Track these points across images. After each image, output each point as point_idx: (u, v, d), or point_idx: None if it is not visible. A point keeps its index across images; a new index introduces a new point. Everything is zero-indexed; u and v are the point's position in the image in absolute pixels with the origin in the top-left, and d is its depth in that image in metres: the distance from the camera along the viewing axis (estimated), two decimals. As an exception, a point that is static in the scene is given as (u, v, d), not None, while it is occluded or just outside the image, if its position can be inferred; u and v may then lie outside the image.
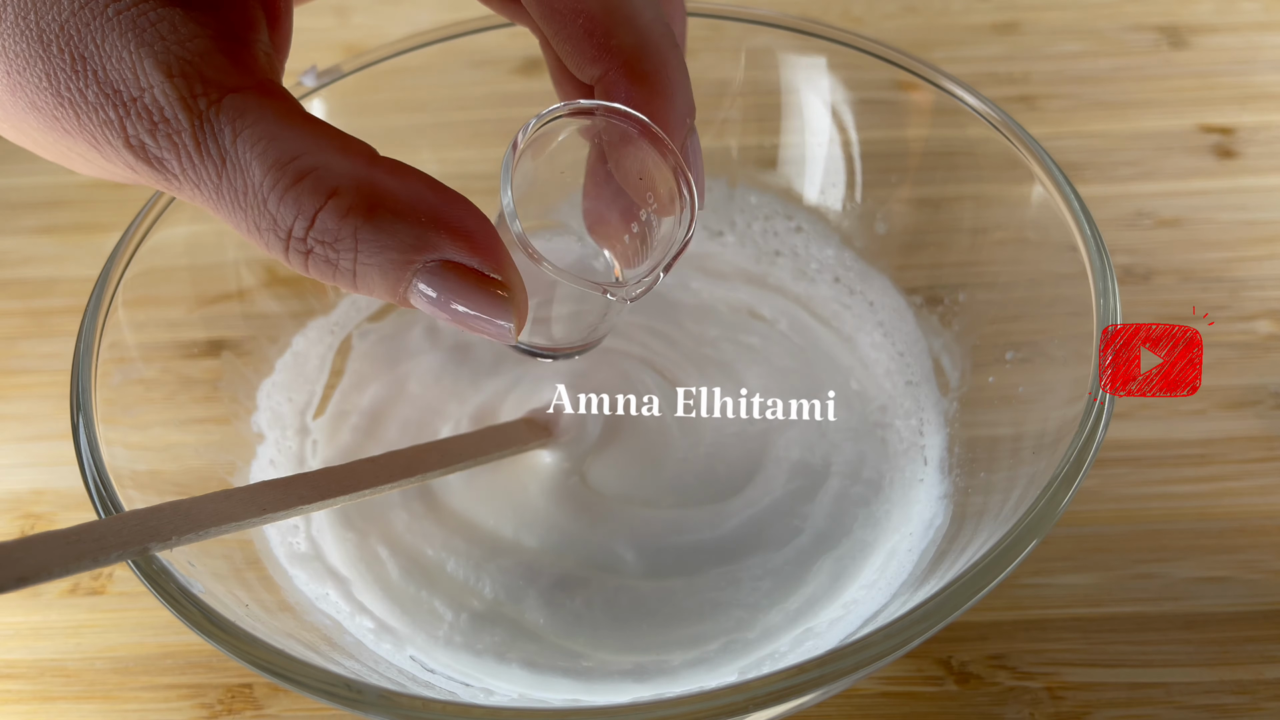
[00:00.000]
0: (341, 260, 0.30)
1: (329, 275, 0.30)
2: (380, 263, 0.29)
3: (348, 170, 0.29)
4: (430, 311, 0.30)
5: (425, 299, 0.30)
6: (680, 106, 0.34)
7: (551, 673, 0.39)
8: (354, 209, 0.29)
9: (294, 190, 0.29)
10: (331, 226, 0.29)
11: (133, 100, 0.29)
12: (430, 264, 0.29)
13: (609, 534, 0.42)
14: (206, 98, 0.29)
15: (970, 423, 0.44)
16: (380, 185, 0.29)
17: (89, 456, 0.37)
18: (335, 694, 0.32)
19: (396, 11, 0.67)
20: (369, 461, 0.39)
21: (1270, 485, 0.45)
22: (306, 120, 0.30)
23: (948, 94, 0.45)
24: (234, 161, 0.29)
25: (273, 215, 0.29)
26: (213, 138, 0.29)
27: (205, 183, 0.30)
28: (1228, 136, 0.57)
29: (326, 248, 0.29)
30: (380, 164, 0.30)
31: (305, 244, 0.29)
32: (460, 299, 0.30)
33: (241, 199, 0.29)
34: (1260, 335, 0.50)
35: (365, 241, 0.29)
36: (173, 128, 0.29)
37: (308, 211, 0.29)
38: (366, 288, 0.30)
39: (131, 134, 0.30)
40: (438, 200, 0.30)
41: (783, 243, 0.51)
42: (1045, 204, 0.42)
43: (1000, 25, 0.64)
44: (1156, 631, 0.42)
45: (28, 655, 0.43)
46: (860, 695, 0.41)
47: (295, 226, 0.29)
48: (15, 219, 0.58)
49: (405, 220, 0.29)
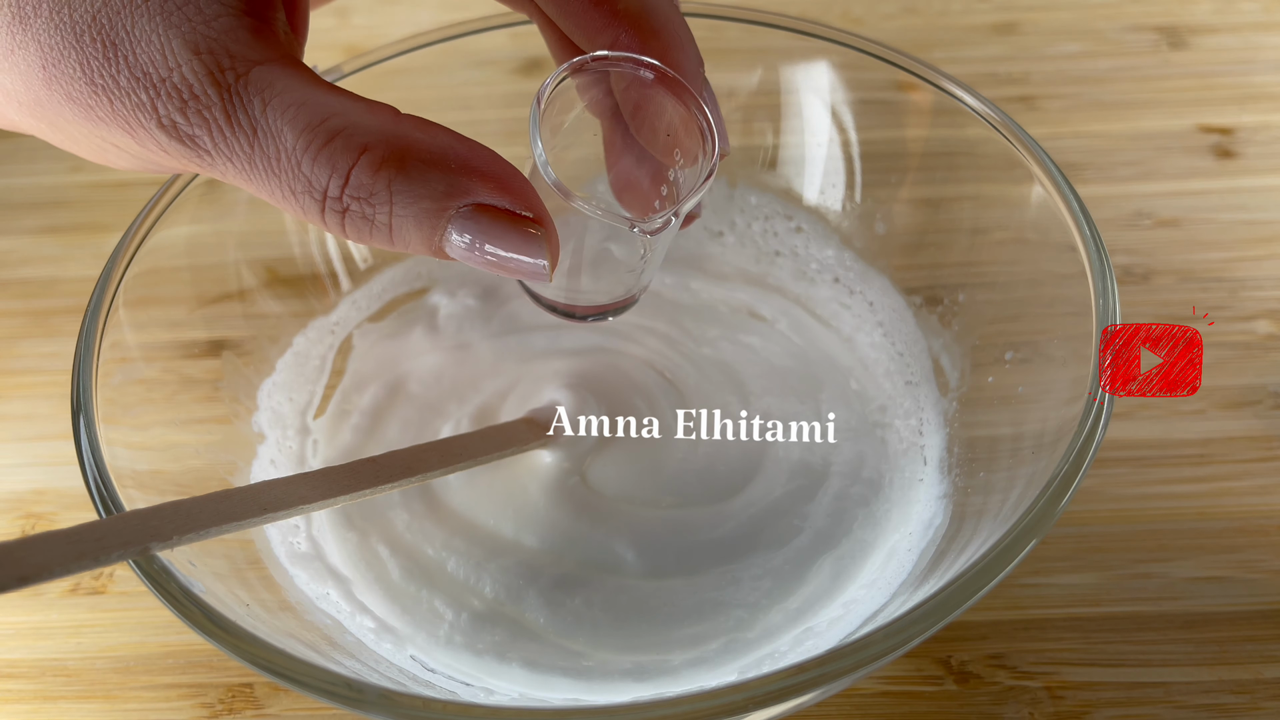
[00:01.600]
0: (378, 215, 0.30)
1: (366, 232, 0.31)
2: (415, 213, 0.30)
3: (376, 126, 0.30)
4: (465, 258, 0.31)
5: (460, 245, 0.31)
6: (692, 56, 0.35)
7: (552, 672, 0.39)
8: (386, 162, 0.30)
9: (327, 149, 0.30)
10: (366, 181, 0.30)
11: (163, 81, 0.30)
12: (464, 209, 0.30)
13: (609, 534, 0.42)
14: (234, 71, 0.30)
15: (970, 423, 0.44)
16: (409, 138, 0.30)
17: (90, 456, 0.37)
18: (336, 693, 0.32)
19: (397, 12, 0.67)
20: (369, 461, 0.39)
21: (1269, 485, 0.45)
22: (330, 87, 0.31)
23: (947, 94, 0.45)
24: (265, 130, 0.30)
25: (307, 177, 0.30)
26: (243, 109, 0.30)
27: (238, 154, 0.31)
28: (1227, 137, 0.57)
29: (362, 204, 0.30)
30: (405, 120, 0.31)
31: (341, 203, 0.30)
32: (495, 240, 0.31)
33: (275, 165, 0.30)
34: (1259, 335, 0.50)
35: (400, 193, 0.30)
36: (203, 104, 0.30)
37: (341, 169, 0.30)
38: (403, 241, 0.31)
39: (164, 114, 0.31)
40: (465, 149, 0.31)
41: (783, 243, 0.51)
42: (1045, 204, 0.42)
43: (1000, 26, 0.64)
44: (1156, 631, 0.42)
45: (29, 655, 0.44)
46: (860, 694, 0.41)
47: (330, 185, 0.30)
48: (16, 219, 0.58)
49: (436, 169, 0.30)
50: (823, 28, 0.48)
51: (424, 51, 0.48)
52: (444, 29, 0.48)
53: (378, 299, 0.51)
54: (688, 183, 0.35)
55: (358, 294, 0.51)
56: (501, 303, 0.51)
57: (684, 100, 0.34)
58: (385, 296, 0.51)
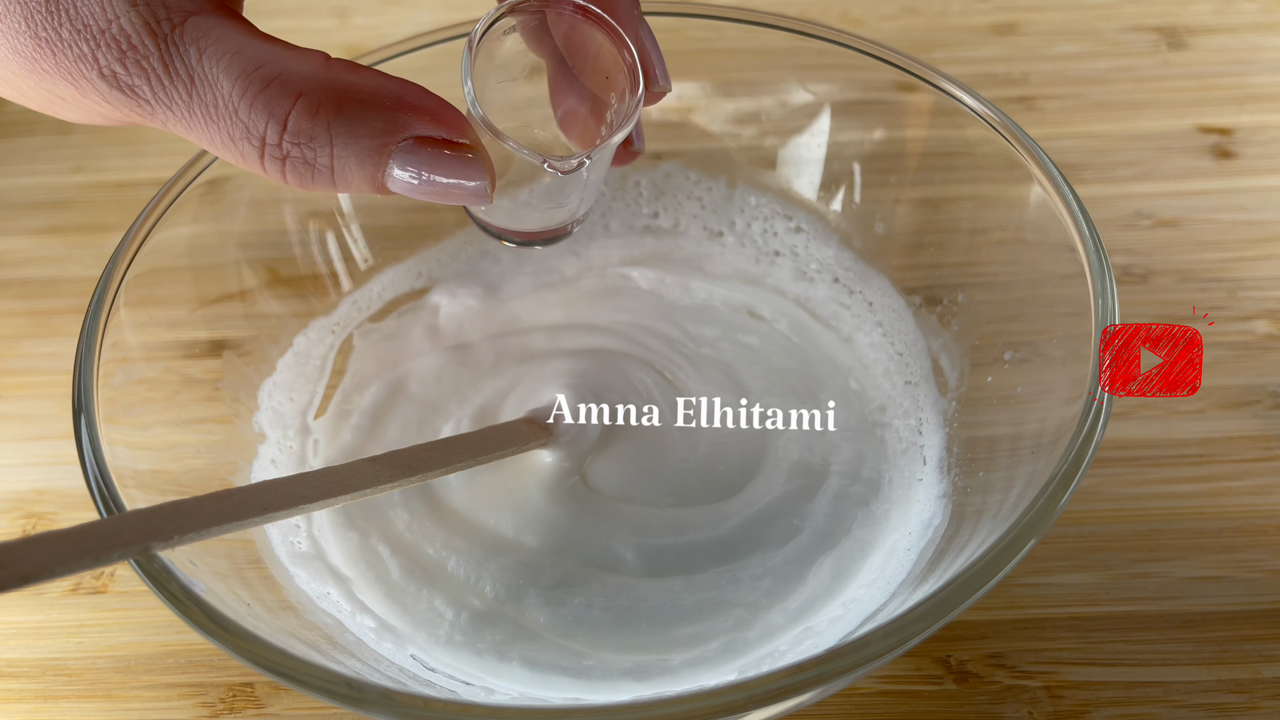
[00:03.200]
0: (319, 157, 0.31)
1: (308, 177, 0.32)
2: (356, 151, 0.31)
3: (309, 72, 0.31)
4: (408, 191, 0.32)
5: (403, 179, 0.32)
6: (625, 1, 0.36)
7: (552, 671, 0.39)
8: (323, 105, 0.31)
9: (263, 95, 0.31)
10: (305, 126, 0.31)
11: (102, 32, 0.31)
12: (404, 143, 0.32)
13: (609, 533, 0.42)
14: (170, 21, 0.31)
15: (969, 422, 0.44)
16: (343, 80, 0.31)
17: (91, 456, 0.37)
18: (336, 693, 0.32)
19: (397, 13, 0.68)
20: (370, 461, 0.39)
21: (1268, 485, 0.45)
22: (265, 36, 0.32)
23: (947, 95, 0.45)
24: (202, 78, 0.31)
25: (245, 123, 0.31)
26: (179, 58, 0.31)
27: (177, 103, 0.32)
28: (1226, 137, 0.57)
29: (303, 148, 0.31)
30: (336, 64, 0.32)
31: (281, 149, 0.31)
32: (436, 169, 0.32)
33: (213, 113, 0.31)
34: (1258, 335, 0.50)
35: (339, 134, 0.31)
36: (140, 54, 0.31)
37: (279, 115, 0.31)
38: (345, 181, 0.32)
39: (104, 64, 0.31)
40: (397, 86, 0.32)
41: (782, 243, 0.51)
42: (1044, 204, 0.42)
43: (999, 26, 0.64)
44: (1155, 630, 0.42)
45: (30, 654, 0.44)
46: (859, 694, 0.41)
47: (269, 132, 0.31)
48: (17, 219, 0.59)
49: (373, 108, 0.31)
50: (823, 28, 0.48)
51: (424, 52, 0.48)
52: (444, 29, 0.48)
53: (378, 299, 0.51)
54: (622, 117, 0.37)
55: (358, 294, 0.51)
56: (502, 303, 0.51)
57: (614, 40, 0.36)
58: (385, 296, 0.51)
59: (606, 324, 0.49)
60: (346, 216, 0.50)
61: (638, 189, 0.53)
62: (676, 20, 0.48)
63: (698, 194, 0.53)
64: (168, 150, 0.61)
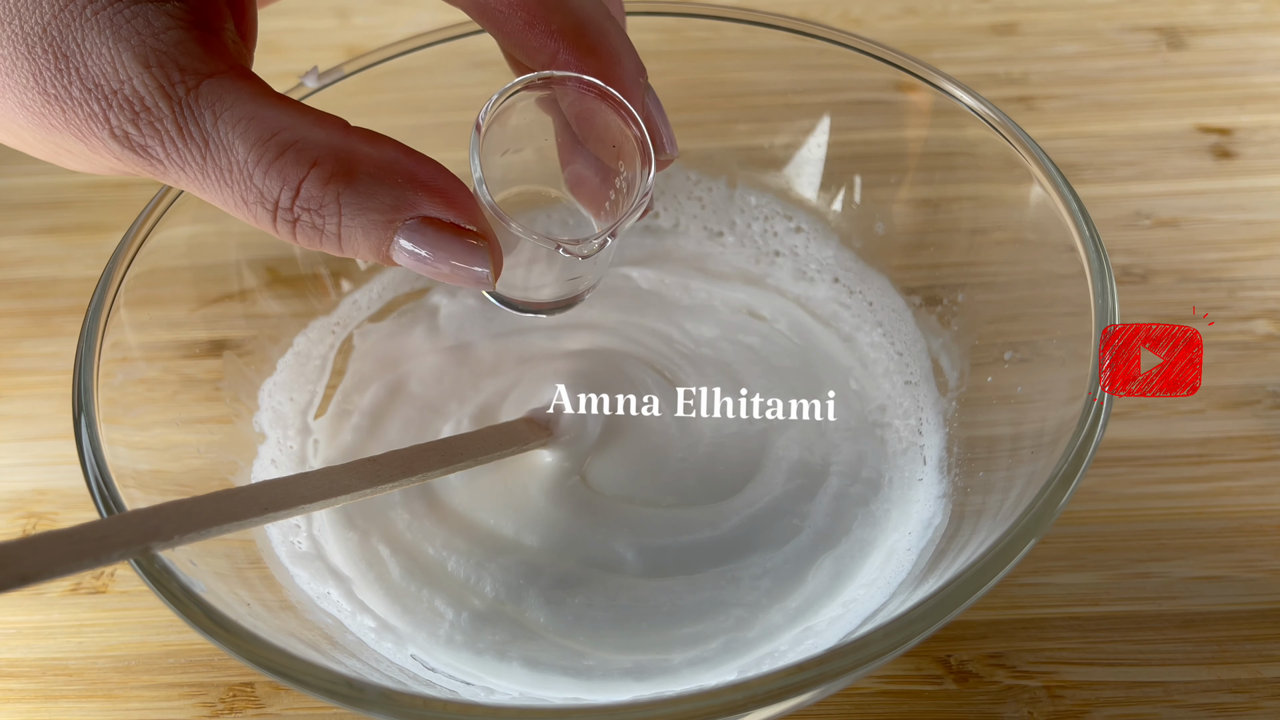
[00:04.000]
0: (327, 225, 0.31)
1: (316, 240, 0.32)
2: (363, 224, 0.31)
3: (325, 141, 0.31)
4: (412, 265, 0.32)
5: (407, 254, 0.32)
6: (630, 69, 0.36)
7: (552, 671, 0.40)
8: (335, 176, 0.31)
9: (278, 164, 0.31)
10: (316, 194, 0.31)
11: (114, 93, 0.31)
12: (410, 221, 0.32)
13: (609, 533, 0.42)
14: (185, 84, 0.31)
15: (969, 422, 0.44)
16: (357, 152, 0.31)
17: (91, 456, 0.37)
18: (337, 693, 0.32)
19: (398, 13, 0.68)
20: (370, 461, 0.39)
21: (1268, 485, 0.45)
22: (281, 99, 0.32)
23: (946, 95, 0.45)
24: (217, 142, 0.31)
25: (259, 189, 0.31)
26: (194, 121, 0.31)
27: (190, 165, 0.31)
28: (1226, 137, 0.57)
29: (312, 214, 0.31)
30: (355, 133, 0.32)
31: (292, 213, 0.31)
32: (440, 251, 0.32)
33: (227, 177, 0.31)
34: (1258, 335, 0.50)
35: (348, 205, 0.31)
36: (154, 115, 0.31)
37: (292, 182, 0.31)
38: (352, 249, 0.32)
39: (115, 125, 0.31)
40: (412, 163, 0.32)
41: (782, 243, 0.51)
42: (1044, 204, 0.42)
43: (999, 26, 0.64)
44: (1154, 630, 0.42)
45: (30, 654, 0.44)
46: (859, 694, 0.41)
47: (282, 197, 0.31)
48: (17, 219, 0.59)
49: (384, 183, 0.31)
50: (823, 28, 0.48)
51: (425, 52, 0.48)
52: (445, 29, 0.48)
53: (378, 299, 0.51)
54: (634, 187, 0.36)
55: (358, 294, 0.51)
56: (502, 303, 0.51)
57: (623, 116, 0.35)
58: (386, 296, 0.51)
59: (606, 324, 0.49)
60: (346, 216, 0.50)
61: (638, 189, 0.53)
62: (676, 20, 0.48)
63: (698, 194, 0.53)
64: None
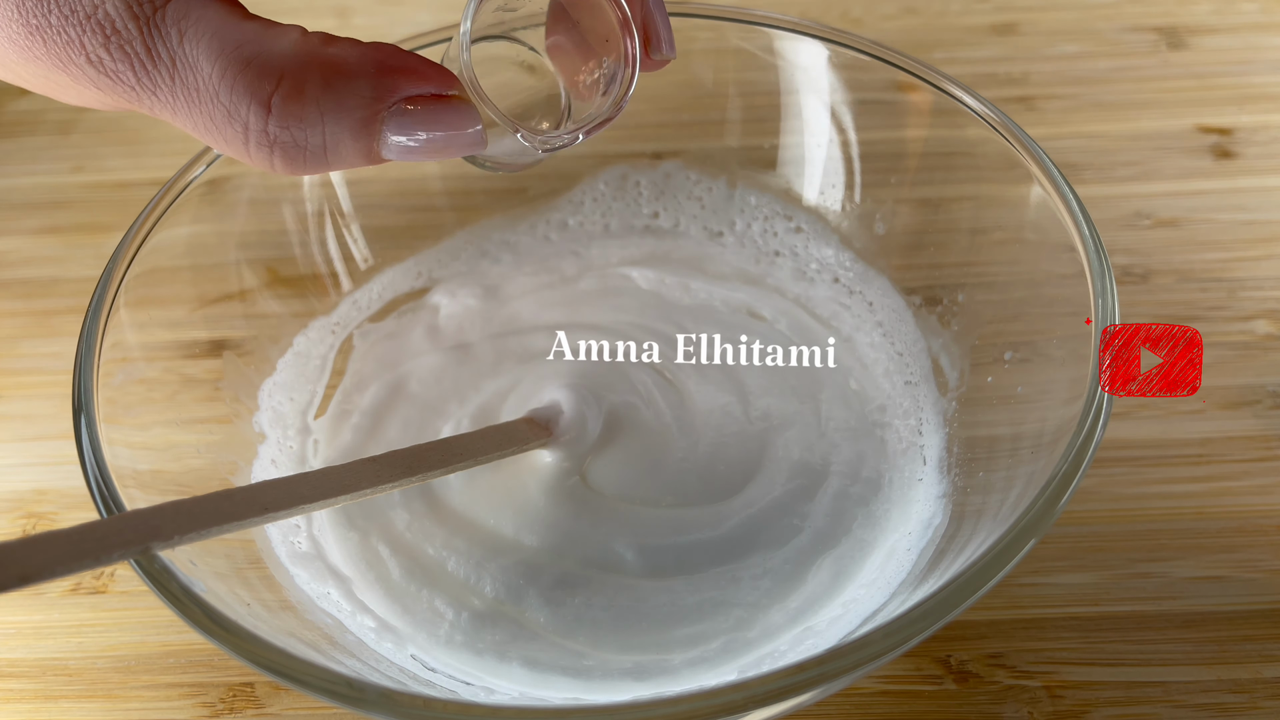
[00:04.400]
0: (310, 138, 0.31)
1: (298, 160, 0.31)
2: (350, 124, 0.31)
3: (290, 50, 0.31)
4: (403, 155, 0.32)
5: (398, 145, 0.31)
6: None
7: (552, 671, 0.39)
8: (309, 83, 0.30)
9: (244, 76, 0.30)
10: (293, 107, 0.30)
11: (88, 17, 0.31)
12: (394, 107, 0.31)
13: (609, 533, 0.42)
14: (152, 3, 0.31)
15: (969, 422, 0.44)
16: (323, 55, 0.31)
17: (91, 456, 0.37)
18: (337, 693, 0.32)
19: (397, 12, 0.68)
20: (370, 461, 0.39)
21: (1268, 485, 0.45)
22: (246, 14, 0.31)
23: (947, 95, 0.45)
24: (183, 60, 0.31)
25: (226, 107, 0.31)
26: (161, 41, 0.31)
27: (161, 88, 0.31)
28: (1226, 137, 0.57)
29: (292, 130, 0.31)
30: (313, 36, 0.32)
31: (268, 135, 0.31)
32: (429, 125, 0.31)
33: (195, 96, 0.31)
34: (1258, 335, 0.50)
35: (329, 110, 0.31)
36: (124, 38, 0.31)
37: (261, 97, 0.30)
38: (338, 157, 0.31)
39: (90, 50, 0.31)
40: (374, 52, 0.31)
41: (782, 243, 0.51)
42: (1044, 204, 0.42)
43: (999, 26, 0.64)
44: (1155, 630, 0.42)
45: (30, 654, 0.44)
46: (859, 694, 0.41)
47: (252, 117, 0.30)
48: (17, 219, 0.59)
49: (358, 77, 0.31)
50: (823, 28, 0.48)
51: (425, 52, 0.48)
52: (445, 29, 0.48)
53: (378, 299, 0.51)
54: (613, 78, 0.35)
55: (358, 294, 0.51)
56: (502, 303, 0.51)
57: (619, 11, 0.34)
58: (385, 296, 0.51)
59: (606, 324, 0.49)
60: (346, 216, 0.50)
61: (638, 189, 0.53)
62: (676, 20, 0.48)
63: (698, 194, 0.53)
64: (168, 150, 0.61)
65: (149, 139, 0.61)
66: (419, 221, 0.52)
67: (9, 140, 0.62)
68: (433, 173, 0.52)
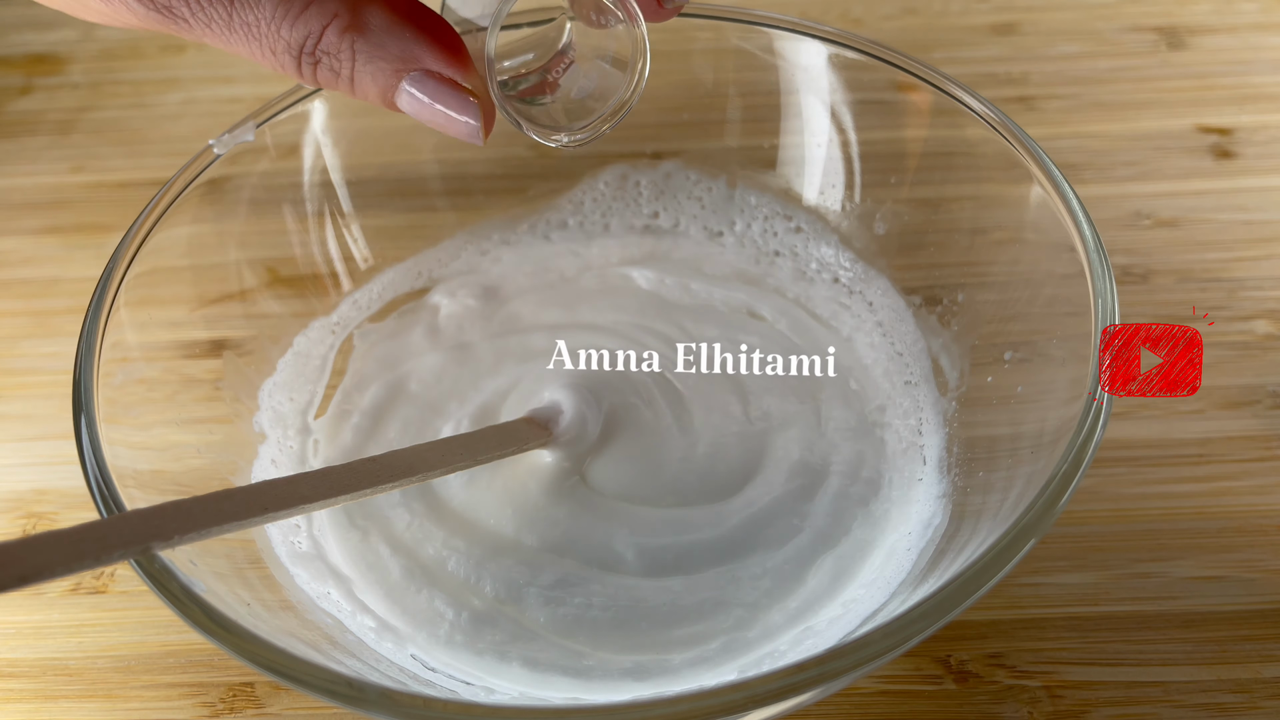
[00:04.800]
0: (343, 68, 0.35)
1: (332, 80, 0.35)
2: (373, 70, 0.35)
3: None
4: (412, 110, 0.35)
5: (410, 99, 0.35)
6: None
7: (552, 671, 0.39)
8: (350, 27, 0.34)
9: (304, 16, 0.34)
10: (334, 40, 0.34)
11: None
12: (416, 71, 0.34)
13: (609, 533, 0.42)
14: None
15: (969, 422, 0.44)
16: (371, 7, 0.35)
17: (91, 456, 0.37)
18: (337, 692, 0.32)
19: None
20: (370, 461, 0.39)
21: (1268, 485, 0.45)
22: None
23: (947, 95, 0.45)
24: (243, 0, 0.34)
25: (286, 40, 0.34)
26: None
27: (216, 22, 0.34)
28: (1226, 137, 0.57)
29: (331, 58, 0.34)
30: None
31: (314, 56, 0.34)
32: (439, 101, 0.35)
33: (254, 31, 0.34)
34: (1258, 335, 0.50)
35: (361, 53, 0.34)
36: None
37: (316, 30, 0.34)
38: (361, 92, 0.35)
39: None
40: (419, 19, 0.35)
41: (782, 243, 0.51)
42: (1044, 204, 0.42)
43: (999, 26, 0.64)
44: (1154, 630, 0.42)
45: (30, 654, 0.44)
46: (859, 694, 0.41)
47: (307, 44, 0.34)
48: (17, 219, 0.59)
49: (395, 35, 0.34)
50: (823, 28, 0.48)
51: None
52: None
53: (378, 299, 0.51)
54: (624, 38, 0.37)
55: (358, 294, 0.51)
56: (502, 303, 0.51)
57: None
58: (386, 296, 0.51)
59: (606, 324, 0.49)
60: (346, 216, 0.50)
61: (638, 189, 0.53)
62: (676, 20, 0.48)
63: (698, 194, 0.53)
64: (168, 150, 0.61)
65: (149, 139, 0.62)
66: (419, 221, 0.52)
67: (9, 140, 0.62)
68: (433, 173, 0.52)
